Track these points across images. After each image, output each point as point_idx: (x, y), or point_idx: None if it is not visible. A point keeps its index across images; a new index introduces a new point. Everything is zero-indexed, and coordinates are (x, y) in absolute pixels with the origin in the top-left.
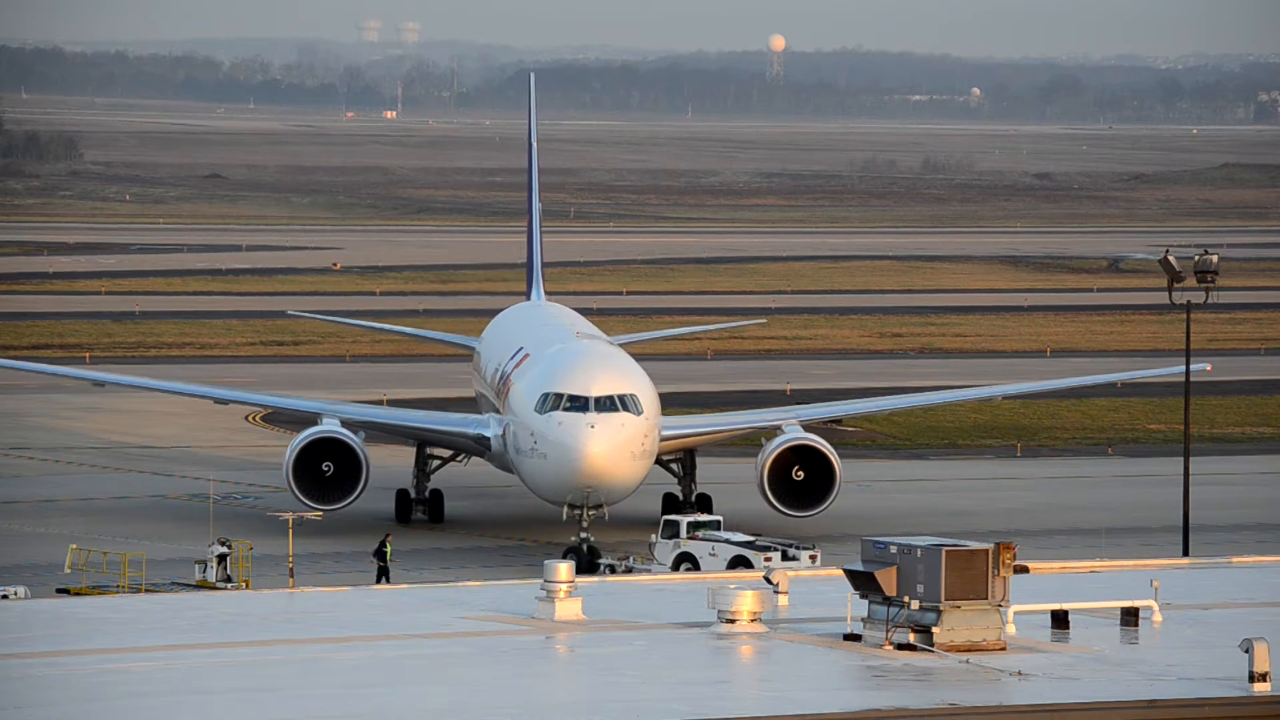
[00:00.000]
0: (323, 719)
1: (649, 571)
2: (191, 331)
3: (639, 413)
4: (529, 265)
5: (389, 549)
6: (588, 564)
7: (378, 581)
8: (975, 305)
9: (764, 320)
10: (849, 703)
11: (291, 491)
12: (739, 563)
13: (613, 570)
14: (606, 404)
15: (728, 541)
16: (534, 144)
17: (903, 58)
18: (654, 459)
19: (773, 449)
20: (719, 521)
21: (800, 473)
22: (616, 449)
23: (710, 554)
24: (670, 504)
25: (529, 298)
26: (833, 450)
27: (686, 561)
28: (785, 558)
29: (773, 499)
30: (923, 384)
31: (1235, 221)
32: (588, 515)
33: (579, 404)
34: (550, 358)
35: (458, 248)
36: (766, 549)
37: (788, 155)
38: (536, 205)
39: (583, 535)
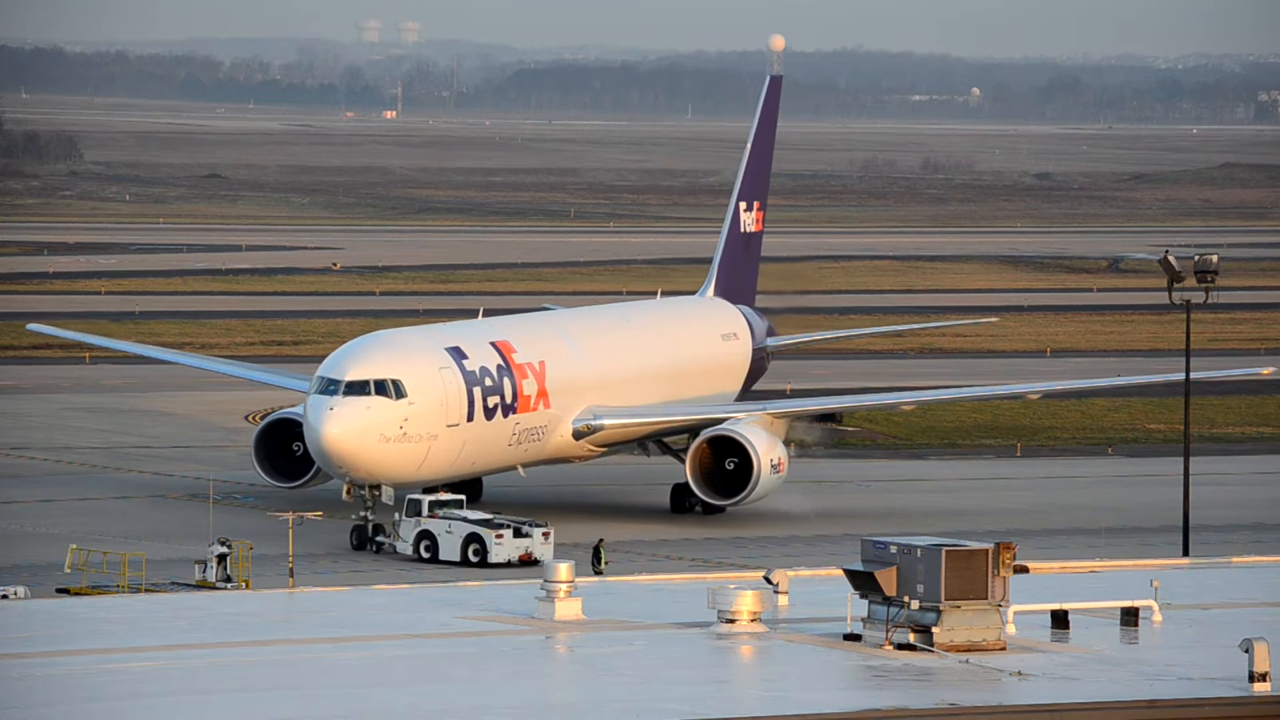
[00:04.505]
0: (323, 719)
1: (394, 549)
2: (191, 331)
3: (399, 397)
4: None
5: (603, 553)
6: (370, 541)
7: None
8: (975, 305)
9: (995, 319)
10: (849, 703)
11: (256, 471)
12: (473, 540)
13: (380, 548)
14: (358, 388)
15: (465, 520)
16: (749, 147)
17: (903, 58)
18: (445, 442)
19: (697, 440)
20: (461, 501)
21: (733, 463)
22: (356, 432)
23: (447, 531)
24: (678, 495)
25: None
26: (755, 442)
27: (426, 539)
28: (518, 535)
29: (696, 488)
30: (923, 384)
31: (1235, 221)
32: (370, 495)
33: (332, 387)
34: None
35: (458, 248)
36: (500, 527)
37: (788, 155)
38: (736, 206)
39: (363, 514)
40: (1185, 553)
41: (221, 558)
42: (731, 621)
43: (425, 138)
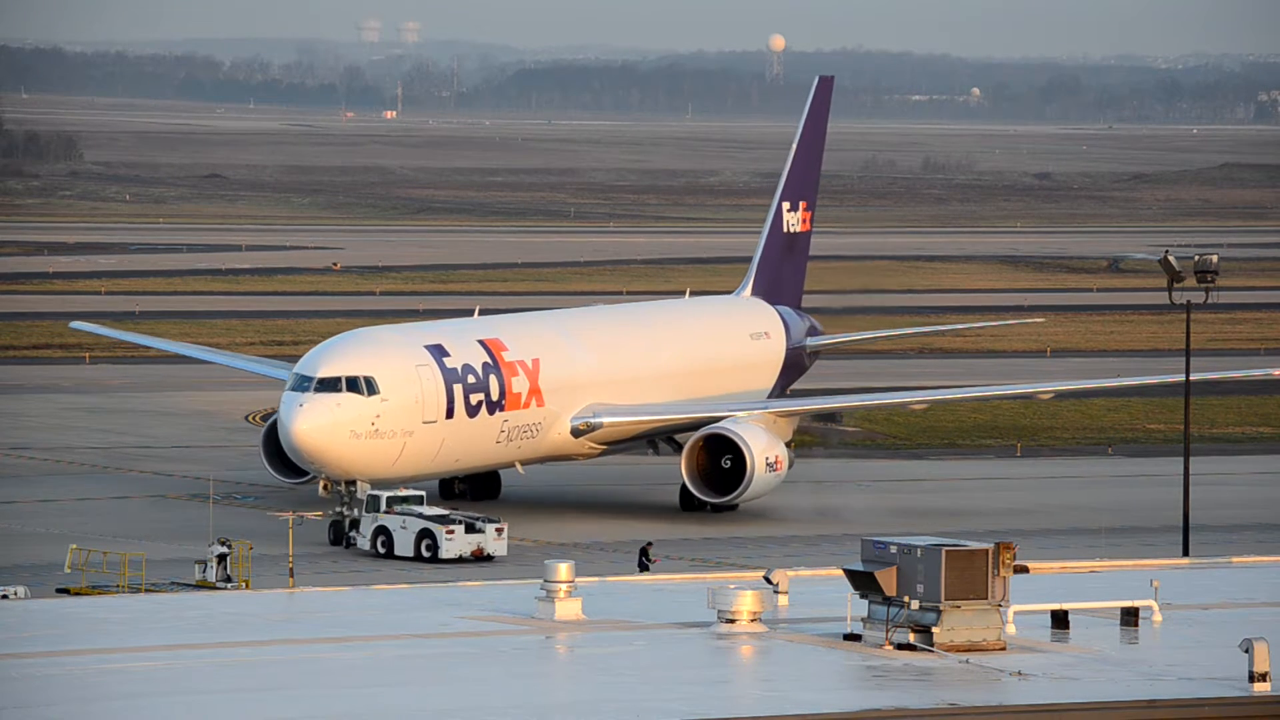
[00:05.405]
0: (323, 719)
1: (355, 544)
2: (192, 331)
3: (371, 394)
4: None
5: (651, 554)
6: (345, 536)
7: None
8: (975, 305)
9: (1041, 319)
10: (849, 703)
11: (264, 467)
12: (425, 535)
13: (349, 543)
14: (330, 384)
15: (420, 516)
16: (795, 147)
17: (903, 58)
18: (421, 439)
19: (692, 439)
20: (421, 497)
21: (729, 460)
22: (326, 428)
23: (401, 527)
24: (687, 494)
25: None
26: (751, 440)
27: (382, 534)
28: (470, 530)
29: (692, 486)
30: (924, 384)
31: (1235, 221)
32: (346, 491)
33: (305, 383)
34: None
35: (458, 248)
36: (452, 523)
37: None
38: (779, 205)
39: (339, 510)
40: (1185, 553)
41: (221, 558)
42: (731, 621)
43: (425, 138)
